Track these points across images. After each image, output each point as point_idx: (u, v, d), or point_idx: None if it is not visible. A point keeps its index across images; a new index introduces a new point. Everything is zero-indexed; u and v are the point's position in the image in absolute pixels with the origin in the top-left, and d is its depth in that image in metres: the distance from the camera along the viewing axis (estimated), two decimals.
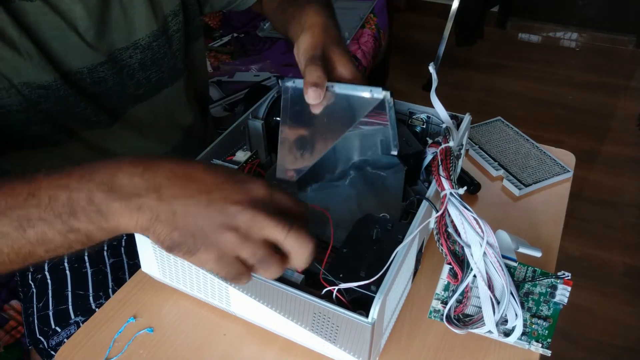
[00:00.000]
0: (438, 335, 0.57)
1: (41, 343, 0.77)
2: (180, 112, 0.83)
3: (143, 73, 0.73)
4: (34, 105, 0.63)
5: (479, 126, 0.90)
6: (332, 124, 0.59)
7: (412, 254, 0.56)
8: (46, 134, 0.67)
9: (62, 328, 0.77)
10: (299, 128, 0.60)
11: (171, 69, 0.76)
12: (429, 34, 2.79)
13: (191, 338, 0.57)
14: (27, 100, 0.62)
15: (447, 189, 0.54)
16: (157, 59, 0.73)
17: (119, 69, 0.69)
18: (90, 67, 0.66)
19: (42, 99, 0.63)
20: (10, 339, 0.90)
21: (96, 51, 0.66)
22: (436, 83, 0.65)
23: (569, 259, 1.65)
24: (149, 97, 0.76)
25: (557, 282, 0.54)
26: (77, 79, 0.66)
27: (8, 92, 0.61)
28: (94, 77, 0.67)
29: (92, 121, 0.70)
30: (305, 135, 0.61)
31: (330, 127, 0.59)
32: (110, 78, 0.69)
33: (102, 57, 0.67)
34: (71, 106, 0.66)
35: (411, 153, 0.65)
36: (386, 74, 2.20)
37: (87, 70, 0.66)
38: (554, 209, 0.74)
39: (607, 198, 1.88)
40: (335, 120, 0.58)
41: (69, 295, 0.79)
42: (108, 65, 0.68)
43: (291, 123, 0.60)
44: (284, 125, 0.61)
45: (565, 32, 2.86)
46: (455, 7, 2.11)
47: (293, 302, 0.49)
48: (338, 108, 0.58)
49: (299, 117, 0.60)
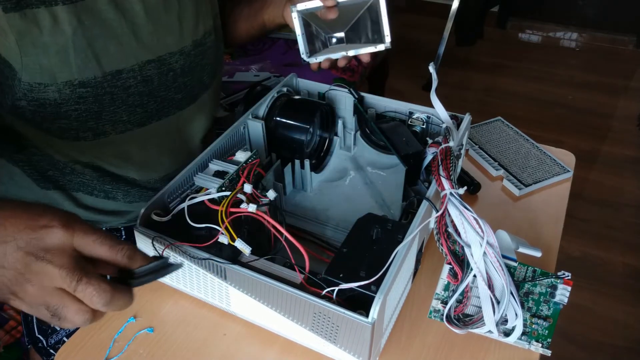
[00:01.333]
0: (438, 335, 0.57)
1: (40, 342, 0.77)
2: (201, 125, 0.83)
3: (182, 78, 0.75)
4: (69, 103, 0.64)
5: (479, 126, 0.90)
6: (339, 23, 0.74)
7: (412, 254, 0.56)
8: (71, 129, 0.68)
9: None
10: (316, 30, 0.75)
11: (199, 80, 0.78)
12: (429, 34, 2.79)
13: (191, 338, 0.57)
14: (64, 98, 0.63)
15: (447, 189, 0.54)
16: (193, 67, 0.76)
17: (165, 71, 0.71)
18: (140, 65, 0.68)
19: (81, 99, 0.64)
20: (10, 338, 0.90)
21: (148, 51, 0.68)
22: (436, 83, 0.65)
23: (569, 259, 1.65)
24: (186, 105, 0.77)
25: (557, 282, 0.54)
26: (126, 77, 0.67)
27: (46, 89, 0.61)
28: (144, 74, 0.69)
29: (124, 121, 0.70)
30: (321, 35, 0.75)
31: (339, 24, 0.74)
32: (156, 78, 0.70)
33: (152, 56, 0.69)
34: (107, 105, 0.67)
35: (411, 153, 0.65)
36: (386, 74, 2.20)
37: (138, 68, 0.68)
38: (554, 209, 0.74)
39: (607, 198, 1.88)
40: (341, 20, 0.73)
41: None
42: (155, 65, 0.70)
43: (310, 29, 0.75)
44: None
45: (565, 32, 2.86)
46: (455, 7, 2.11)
47: (293, 302, 0.49)
48: (342, 13, 0.72)
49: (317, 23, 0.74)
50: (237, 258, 0.53)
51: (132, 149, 0.74)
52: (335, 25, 0.74)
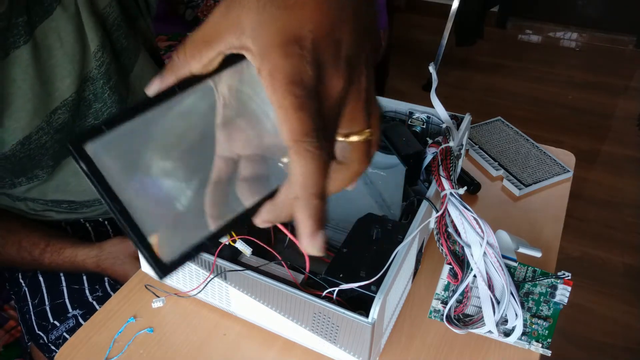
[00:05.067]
0: (438, 335, 0.57)
1: (41, 338, 0.77)
2: None
3: (97, 104, 0.75)
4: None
5: (479, 126, 0.90)
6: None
7: (412, 254, 0.56)
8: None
9: (61, 322, 0.77)
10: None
11: (120, 93, 0.78)
12: (429, 34, 2.79)
13: (191, 338, 0.57)
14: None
15: (447, 189, 0.54)
16: (102, 93, 0.75)
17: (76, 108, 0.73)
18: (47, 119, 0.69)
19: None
20: (9, 338, 0.90)
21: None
22: (436, 83, 0.65)
23: (569, 259, 1.64)
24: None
25: (557, 282, 0.54)
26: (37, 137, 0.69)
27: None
28: (54, 125, 0.70)
29: (52, 165, 0.72)
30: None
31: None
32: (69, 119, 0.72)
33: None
34: (27, 166, 0.69)
35: (411, 153, 0.65)
36: (386, 74, 2.20)
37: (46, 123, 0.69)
38: (553, 209, 0.73)
39: (607, 198, 1.88)
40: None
41: (64, 289, 0.80)
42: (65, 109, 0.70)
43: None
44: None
45: (565, 32, 2.86)
46: (455, 7, 2.11)
47: (293, 302, 0.49)
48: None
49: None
50: (237, 258, 0.53)
51: (71, 179, 0.76)
52: None
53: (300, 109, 0.26)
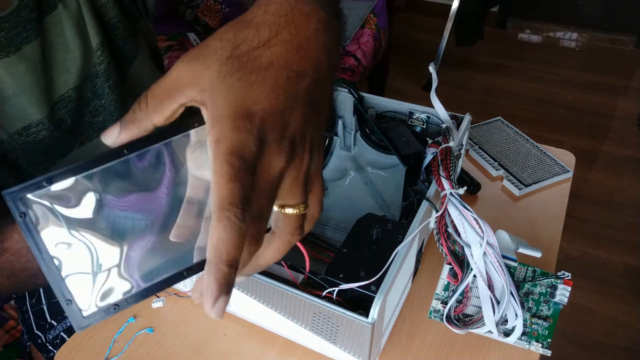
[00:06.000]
0: (438, 335, 0.57)
1: (39, 338, 0.78)
2: None
3: (97, 100, 0.75)
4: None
5: (479, 126, 0.90)
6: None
7: (412, 254, 0.56)
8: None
9: (58, 321, 0.77)
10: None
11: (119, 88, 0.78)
12: (429, 34, 2.79)
13: (191, 338, 0.57)
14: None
15: (447, 189, 0.54)
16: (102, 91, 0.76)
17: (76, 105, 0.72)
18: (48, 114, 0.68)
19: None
20: (9, 338, 0.90)
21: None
22: (436, 83, 0.65)
23: (569, 259, 1.64)
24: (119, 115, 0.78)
25: (557, 282, 0.54)
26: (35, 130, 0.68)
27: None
28: (53, 121, 0.70)
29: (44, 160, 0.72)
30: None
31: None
32: (69, 118, 0.71)
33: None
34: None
35: (411, 153, 0.65)
36: (386, 74, 2.20)
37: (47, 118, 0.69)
38: (553, 209, 0.73)
39: (607, 198, 1.88)
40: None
41: None
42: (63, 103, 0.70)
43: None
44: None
45: (565, 32, 2.86)
46: (455, 7, 2.11)
47: (293, 302, 0.49)
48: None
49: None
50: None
51: None
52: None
53: (233, 180, 0.28)
